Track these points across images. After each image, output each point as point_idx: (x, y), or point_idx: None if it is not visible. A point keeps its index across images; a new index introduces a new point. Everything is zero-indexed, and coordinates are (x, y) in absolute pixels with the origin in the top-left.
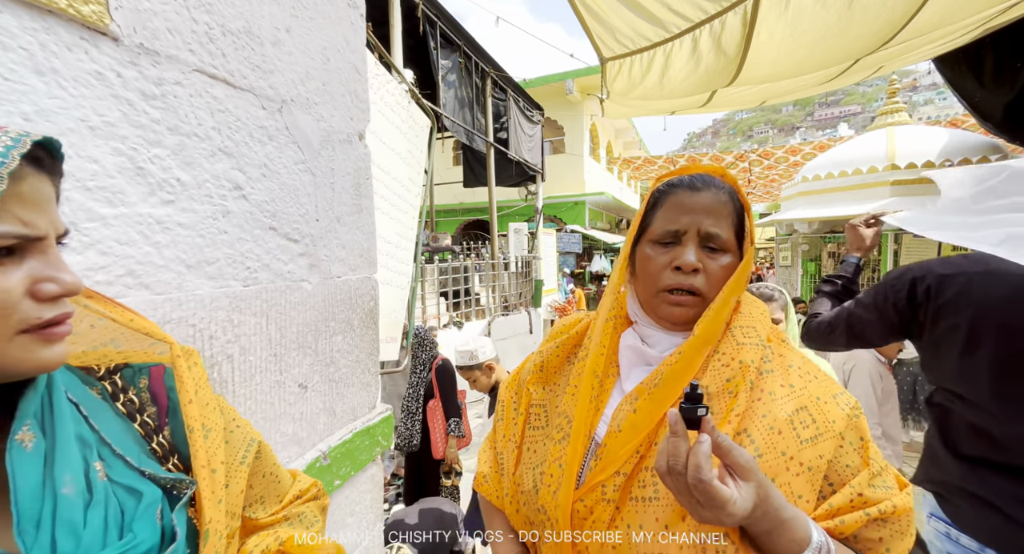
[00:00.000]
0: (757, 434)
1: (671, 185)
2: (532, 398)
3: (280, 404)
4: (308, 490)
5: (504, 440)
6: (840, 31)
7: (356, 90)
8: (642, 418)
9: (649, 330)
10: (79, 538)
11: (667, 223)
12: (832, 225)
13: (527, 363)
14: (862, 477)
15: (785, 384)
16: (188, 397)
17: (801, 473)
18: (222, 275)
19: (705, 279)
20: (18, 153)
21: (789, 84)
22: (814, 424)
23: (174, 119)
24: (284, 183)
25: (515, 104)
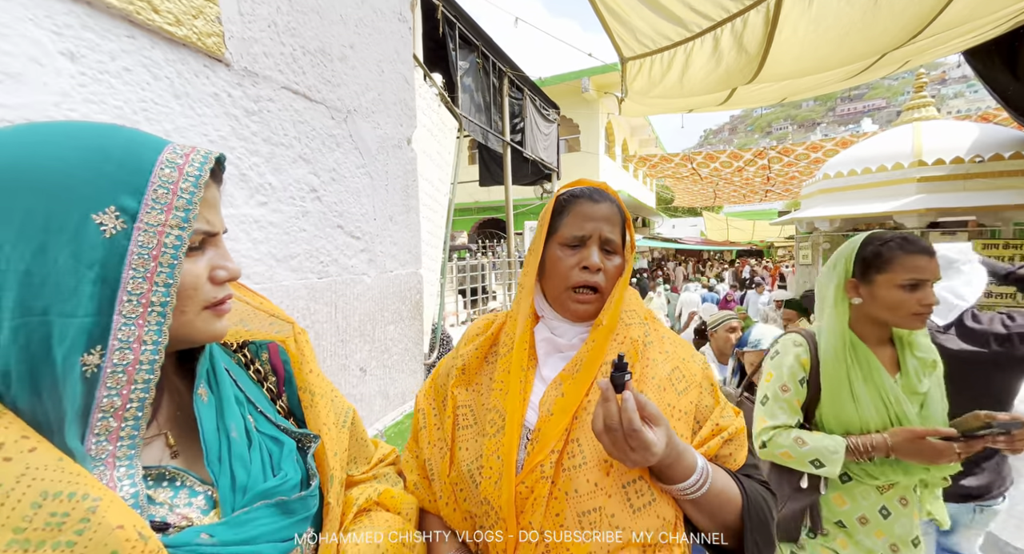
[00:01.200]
0: (651, 393)
1: (574, 196)
2: (458, 400)
3: (345, 386)
4: (388, 455)
5: (430, 446)
6: (866, 26)
7: (405, 98)
8: (569, 400)
9: (556, 323)
10: (248, 471)
11: (574, 229)
12: (854, 223)
13: (440, 370)
14: (716, 412)
15: (662, 351)
16: (308, 367)
17: (681, 418)
18: (302, 268)
19: (604, 277)
20: (208, 168)
21: (811, 80)
22: (684, 379)
23: (267, 131)
24: (348, 185)
25: (531, 103)
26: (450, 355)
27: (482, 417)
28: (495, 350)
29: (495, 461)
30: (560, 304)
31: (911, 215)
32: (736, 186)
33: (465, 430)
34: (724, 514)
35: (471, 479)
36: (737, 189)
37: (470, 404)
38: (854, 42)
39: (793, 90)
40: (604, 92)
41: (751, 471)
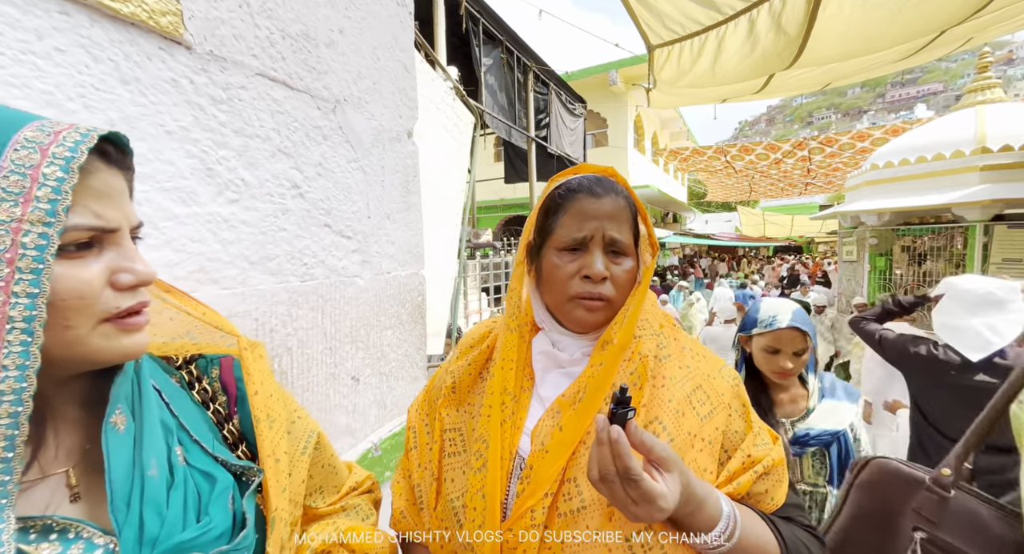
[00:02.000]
0: (667, 419)
1: (571, 190)
2: (446, 423)
3: (334, 396)
4: (363, 483)
5: (420, 470)
6: (922, 1)
7: (405, 88)
8: (569, 434)
9: (558, 336)
10: (163, 518)
11: (572, 230)
12: (906, 216)
13: (434, 382)
14: (748, 439)
15: (682, 366)
16: (254, 388)
17: (704, 448)
18: (281, 271)
19: (612, 285)
20: (86, 147)
21: (859, 63)
22: (708, 400)
23: (239, 122)
24: (338, 181)
25: (557, 98)
26: (443, 367)
27: (471, 446)
28: (489, 366)
29: (479, 500)
30: (563, 314)
31: (973, 207)
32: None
33: (453, 458)
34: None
35: (455, 518)
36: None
37: (460, 428)
38: (908, 18)
39: (838, 74)
40: (632, 84)
41: (793, 513)
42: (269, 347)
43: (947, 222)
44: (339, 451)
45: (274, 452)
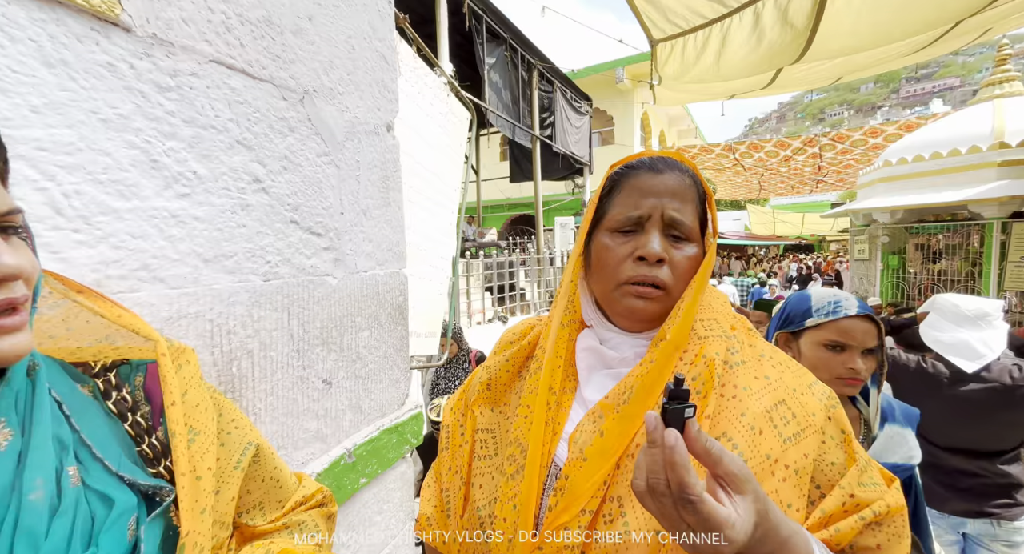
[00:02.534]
0: (739, 437)
1: (629, 168)
2: (479, 422)
3: (303, 400)
4: (313, 496)
5: (450, 473)
6: None
7: (384, 80)
8: (611, 441)
9: (608, 333)
10: (37, 550)
11: (627, 208)
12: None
13: (471, 381)
14: (850, 475)
15: (760, 376)
16: (171, 399)
17: (788, 477)
18: (241, 269)
19: (670, 271)
20: None
21: (870, 56)
22: (795, 419)
23: (190, 111)
24: (306, 176)
25: (562, 96)
26: (483, 365)
27: (503, 449)
28: (529, 364)
29: (510, 510)
30: (610, 305)
31: (990, 204)
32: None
33: (483, 461)
34: None
35: (482, 529)
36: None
37: (493, 429)
38: (921, 8)
39: (849, 69)
40: (639, 82)
41: None
42: (227, 350)
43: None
44: (309, 457)
45: (195, 468)
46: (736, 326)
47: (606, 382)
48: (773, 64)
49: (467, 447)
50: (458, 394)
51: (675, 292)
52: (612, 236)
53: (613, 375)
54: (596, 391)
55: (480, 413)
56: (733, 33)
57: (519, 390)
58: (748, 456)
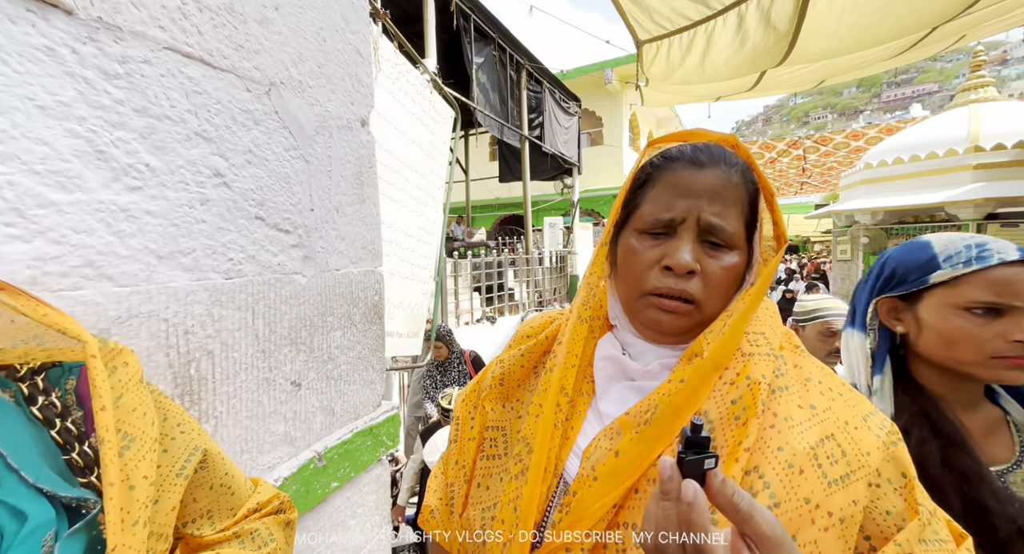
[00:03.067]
0: (772, 474)
1: (668, 158)
2: (488, 418)
3: (270, 402)
4: (268, 503)
5: (456, 468)
6: None
7: (358, 73)
8: (626, 464)
9: (631, 338)
10: None
11: (658, 208)
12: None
13: (485, 373)
14: (911, 530)
15: (804, 405)
16: (100, 403)
17: (831, 527)
18: (199, 267)
19: (702, 284)
20: None
21: (851, 60)
22: (844, 458)
23: (141, 100)
24: (273, 170)
25: (550, 96)
26: (497, 357)
27: (512, 448)
28: (546, 360)
29: (510, 513)
30: (632, 314)
31: (966, 206)
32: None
33: (490, 460)
34: None
35: (480, 531)
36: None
37: (503, 426)
38: (900, 13)
39: (831, 72)
40: (627, 83)
41: None
42: (184, 351)
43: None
44: (277, 461)
45: (128, 477)
46: (784, 344)
47: (627, 395)
48: (757, 66)
49: (473, 444)
50: (471, 385)
51: (708, 307)
52: (640, 238)
53: (635, 388)
54: (613, 404)
55: (491, 408)
56: (717, 35)
57: (533, 387)
58: (782, 498)
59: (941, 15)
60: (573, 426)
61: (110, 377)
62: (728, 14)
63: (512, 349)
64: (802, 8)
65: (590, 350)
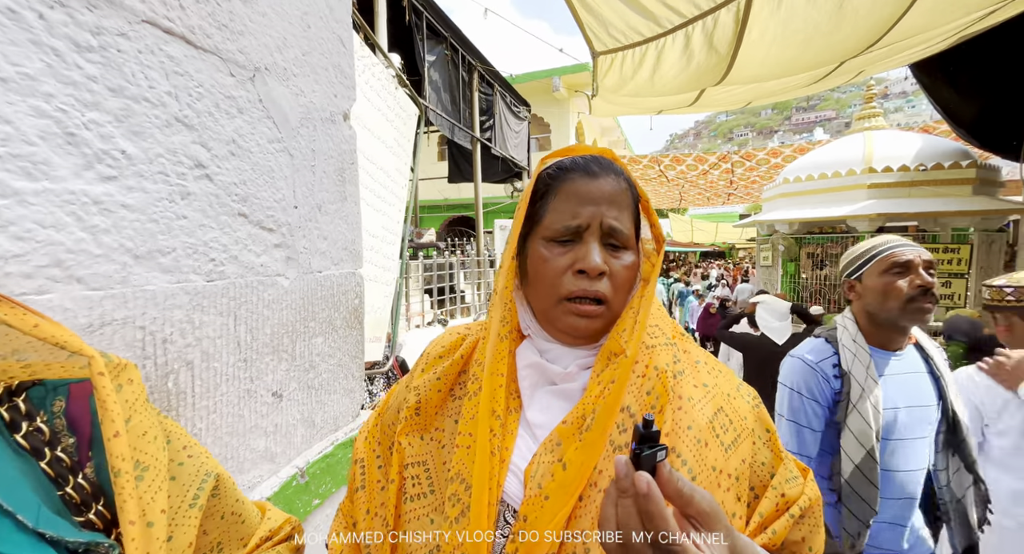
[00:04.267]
0: (687, 452)
1: (563, 169)
2: (407, 455)
3: (251, 416)
4: (281, 529)
5: (369, 518)
6: (830, 31)
7: (341, 64)
8: (573, 475)
9: (548, 344)
10: None
11: (564, 217)
12: (810, 226)
13: (389, 403)
14: (780, 474)
15: (698, 384)
16: (114, 429)
17: (731, 487)
18: (179, 268)
19: (610, 284)
20: None
21: (776, 85)
22: (731, 426)
23: (117, 78)
24: (257, 163)
25: (501, 99)
26: (402, 382)
27: (442, 487)
28: (463, 381)
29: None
30: (550, 321)
31: (862, 219)
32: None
33: (416, 502)
34: None
35: None
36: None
37: (426, 461)
38: (818, 47)
39: (759, 94)
40: (575, 92)
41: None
42: (162, 361)
43: (841, 232)
44: (257, 480)
45: (145, 513)
46: (675, 333)
47: (552, 402)
48: (700, 84)
49: (394, 486)
50: (372, 420)
51: (615, 305)
52: (548, 246)
53: (558, 392)
54: (541, 412)
55: (408, 443)
56: (667, 52)
57: (453, 412)
58: (697, 471)
59: (849, 51)
60: (507, 446)
61: (118, 397)
62: (677, 34)
63: (427, 373)
64: (740, 34)
65: (511, 364)
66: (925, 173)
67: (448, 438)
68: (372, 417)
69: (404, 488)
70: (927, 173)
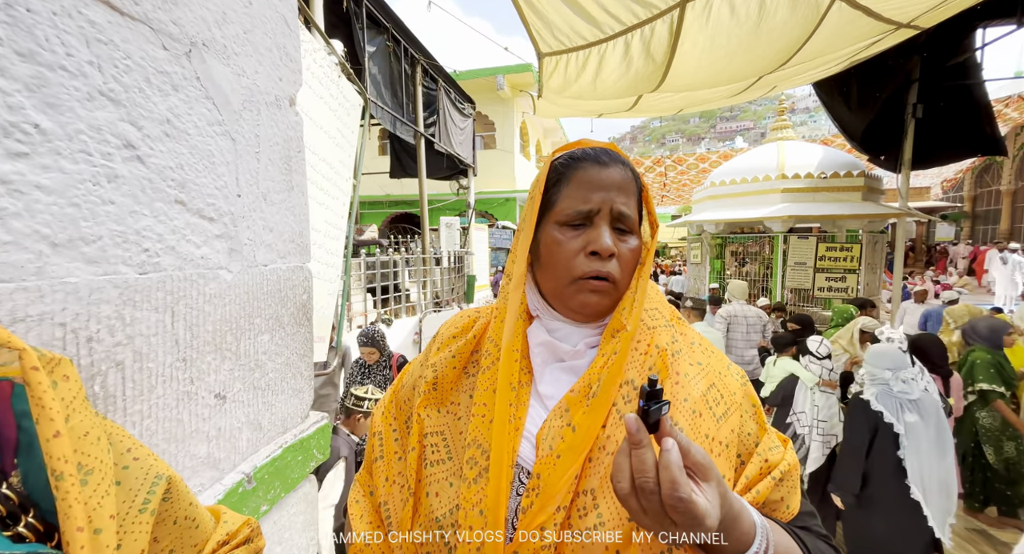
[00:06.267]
0: (683, 421)
1: (575, 159)
2: (426, 426)
3: (191, 420)
4: (238, 532)
5: (388, 484)
6: (749, 49)
7: (286, 46)
8: (582, 437)
9: (556, 323)
10: None
11: (577, 202)
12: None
13: (403, 381)
14: (764, 442)
15: (693, 362)
16: (54, 428)
17: (722, 453)
18: (107, 258)
19: (618, 265)
20: None
21: (704, 94)
22: (722, 400)
23: (27, 41)
24: (195, 147)
25: (446, 95)
26: (417, 362)
27: (459, 453)
28: (476, 359)
29: (476, 517)
30: (562, 300)
31: (776, 220)
32: None
33: (436, 467)
34: None
35: (442, 539)
36: None
37: (443, 431)
38: (739, 62)
39: (690, 102)
40: (519, 91)
41: (808, 522)
42: (87, 362)
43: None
44: (199, 488)
45: (91, 520)
46: (673, 315)
47: (560, 376)
48: (637, 90)
49: (414, 454)
50: (388, 396)
51: (622, 284)
52: (562, 230)
53: (567, 368)
54: (551, 385)
55: (427, 415)
56: (608, 57)
57: (468, 388)
58: (692, 438)
59: (765, 67)
60: (520, 415)
61: (55, 394)
62: (617, 40)
63: (442, 351)
64: (674, 44)
65: (524, 342)
66: (825, 180)
67: (464, 411)
68: (388, 394)
69: (424, 455)
70: (827, 180)
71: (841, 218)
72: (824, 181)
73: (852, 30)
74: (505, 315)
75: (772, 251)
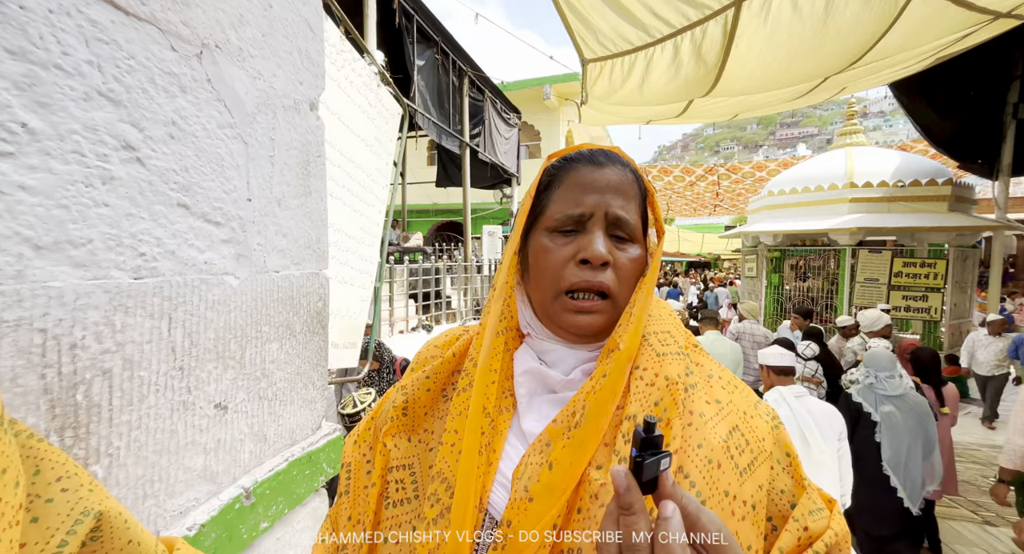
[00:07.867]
0: (696, 473)
1: (569, 160)
2: (392, 458)
3: (187, 431)
4: None
5: (349, 524)
6: (814, 48)
7: (308, 50)
8: (560, 475)
9: (548, 344)
10: None
11: (567, 206)
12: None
13: (382, 405)
14: (802, 505)
15: (711, 400)
16: None
17: (747, 515)
18: (97, 262)
19: (615, 276)
20: None
21: (762, 98)
22: (748, 447)
23: (18, 38)
24: (203, 150)
25: (492, 106)
26: (396, 386)
27: (425, 488)
28: (455, 381)
29: None
30: (550, 317)
31: (843, 233)
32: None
33: (398, 508)
34: None
35: None
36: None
37: (412, 465)
38: (802, 63)
39: (745, 107)
40: (565, 100)
41: None
42: (69, 371)
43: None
44: (192, 504)
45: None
46: (688, 342)
47: (550, 411)
48: (687, 94)
49: (375, 490)
50: (364, 423)
51: (620, 298)
52: (551, 236)
53: (558, 401)
54: (538, 421)
55: (394, 445)
56: (656, 62)
57: (443, 413)
58: (707, 495)
59: (833, 67)
60: (495, 449)
61: None
62: (666, 43)
63: (416, 372)
64: (727, 46)
65: (507, 361)
66: (903, 189)
67: (436, 439)
68: (365, 421)
69: (386, 493)
70: (905, 189)
71: (922, 230)
72: (901, 190)
73: (938, 23)
74: (485, 331)
75: (838, 265)
